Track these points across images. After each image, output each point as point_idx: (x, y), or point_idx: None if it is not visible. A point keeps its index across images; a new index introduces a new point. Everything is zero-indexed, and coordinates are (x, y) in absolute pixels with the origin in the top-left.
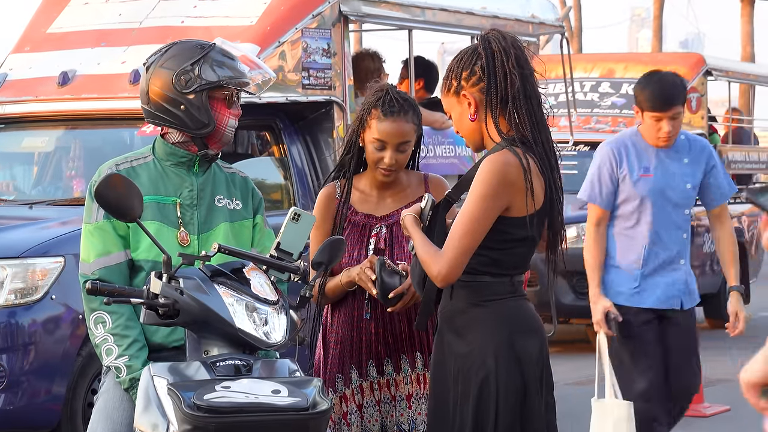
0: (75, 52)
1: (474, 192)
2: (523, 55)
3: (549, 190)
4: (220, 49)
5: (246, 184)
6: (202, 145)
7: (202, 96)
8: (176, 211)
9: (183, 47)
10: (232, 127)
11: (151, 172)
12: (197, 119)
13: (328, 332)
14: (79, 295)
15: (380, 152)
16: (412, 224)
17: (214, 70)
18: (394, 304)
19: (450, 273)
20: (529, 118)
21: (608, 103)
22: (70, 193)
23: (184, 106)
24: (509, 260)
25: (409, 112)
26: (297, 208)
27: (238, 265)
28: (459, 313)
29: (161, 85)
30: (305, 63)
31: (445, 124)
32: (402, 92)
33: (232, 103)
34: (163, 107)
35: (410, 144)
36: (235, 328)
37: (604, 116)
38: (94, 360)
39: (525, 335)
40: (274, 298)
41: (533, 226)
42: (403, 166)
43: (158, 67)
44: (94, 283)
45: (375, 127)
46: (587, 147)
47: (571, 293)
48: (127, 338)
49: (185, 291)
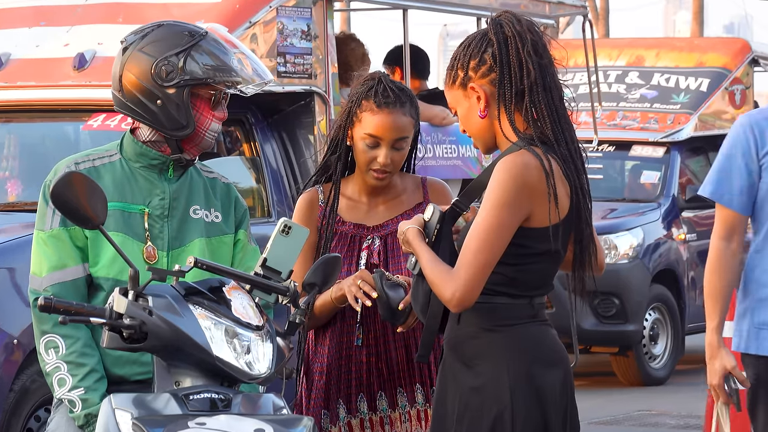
0: (9, 33)
1: (489, 199)
2: (540, 41)
3: (575, 196)
4: (213, 39)
5: (228, 192)
6: (176, 148)
7: (184, 92)
8: (143, 222)
9: (169, 31)
10: (213, 132)
11: (116, 174)
12: (174, 118)
13: (312, 361)
14: (11, 316)
15: (373, 150)
16: (416, 238)
17: (201, 63)
18: (403, 320)
19: (466, 295)
20: (550, 114)
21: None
22: (4, 197)
23: (161, 101)
24: (529, 278)
25: (406, 103)
26: (287, 219)
27: (217, 283)
28: (468, 339)
29: (138, 73)
30: (281, 47)
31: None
32: (397, 82)
33: (218, 104)
34: (137, 99)
35: (407, 141)
36: (212, 356)
37: (631, 111)
38: (30, 394)
39: (546, 366)
40: (258, 323)
41: (557, 238)
42: (399, 166)
43: (137, 50)
44: (48, 299)
45: (367, 121)
46: (612, 147)
47: (593, 317)
48: (83, 367)
49: (154, 311)
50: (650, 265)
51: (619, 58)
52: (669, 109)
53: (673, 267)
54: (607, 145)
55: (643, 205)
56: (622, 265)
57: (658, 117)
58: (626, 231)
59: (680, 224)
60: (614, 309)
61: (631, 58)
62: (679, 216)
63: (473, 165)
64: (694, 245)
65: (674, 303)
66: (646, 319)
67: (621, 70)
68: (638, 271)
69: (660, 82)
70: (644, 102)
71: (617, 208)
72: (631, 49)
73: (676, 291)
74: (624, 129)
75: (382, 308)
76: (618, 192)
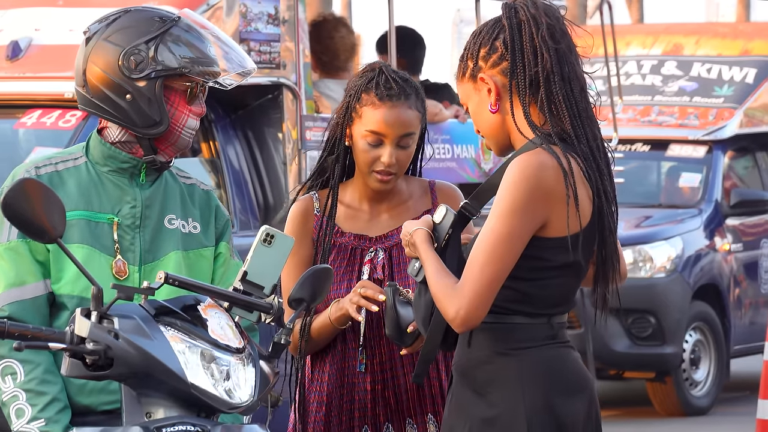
0: None
1: (500, 204)
2: (558, 26)
3: (597, 200)
4: (186, 25)
5: (209, 200)
6: (149, 148)
7: (156, 85)
8: (112, 232)
9: (137, 17)
10: (190, 129)
11: (81, 179)
12: (146, 114)
13: (308, 390)
14: None
15: (376, 150)
16: (424, 242)
17: (174, 52)
18: (410, 342)
19: (471, 314)
20: (569, 108)
21: (674, 88)
22: None
23: (131, 96)
24: (547, 295)
25: (411, 95)
26: (269, 227)
27: (191, 301)
28: (480, 364)
29: (104, 65)
30: (244, 33)
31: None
32: (400, 72)
33: (195, 98)
34: (104, 94)
35: (414, 138)
36: (186, 383)
37: (668, 106)
38: None
39: (568, 395)
40: (238, 345)
41: (578, 249)
42: (405, 167)
43: (102, 39)
44: (2, 322)
45: (368, 116)
46: (647, 146)
47: (626, 338)
48: (43, 396)
49: (121, 334)
50: (690, 279)
51: (654, 46)
52: (711, 103)
53: (717, 281)
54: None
55: (682, 212)
56: (659, 279)
57: (699, 112)
58: (663, 241)
59: (724, 233)
60: (650, 329)
61: (668, 45)
62: (722, 224)
63: (470, 168)
64: (741, 257)
65: (718, 322)
66: (686, 341)
67: (656, 60)
68: (677, 286)
69: (700, 72)
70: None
71: (653, 215)
72: (668, 35)
73: (719, 308)
74: (660, 126)
75: (390, 325)
76: (653, 197)
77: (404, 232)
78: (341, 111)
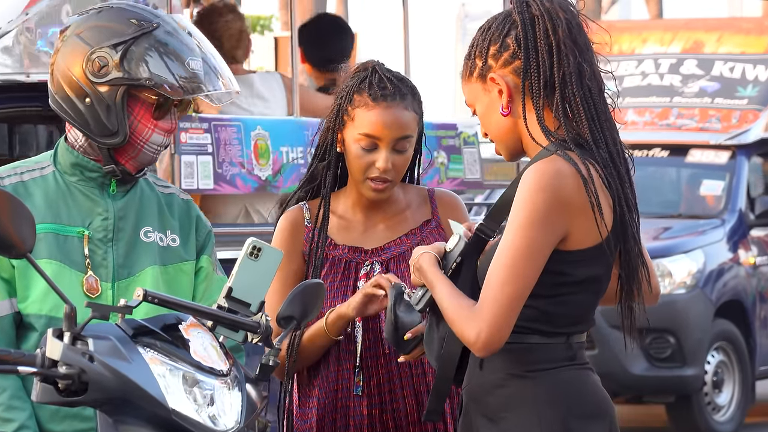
0: None
1: (517, 217)
2: (576, 22)
3: (618, 208)
4: (167, 32)
5: (189, 210)
6: (108, 158)
7: (118, 93)
8: (83, 247)
9: (115, 16)
10: (155, 145)
11: (49, 189)
12: (101, 122)
13: (297, 414)
14: None
15: (370, 154)
16: (432, 266)
17: (143, 61)
18: (409, 350)
19: (494, 336)
20: (587, 110)
21: (695, 89)
22: None
23: (90, 100)
24: (566, 312)
25: (408, 95)
26: (256, 239)
27: (172, 320)
28: (494, 388)
29: (70, 62)
30: None
31: None
32: (395, 71)
33: (164, 113)
34: (65, 93)
35: (411, 141)
36: (167, 409)
37: (688, 108)
38: None
39: (587, 419)
40: (223, 368)
41: (600, 261)
42: (402, 173)
43: (75, 35)
44: None
45: (360, 118)
46: (665, 152)
47: (644, 360)
48: (10, 423)
49: (96, 356)
50: (713, 295)
51: (672, 44)
52: (734, 105)
53: (741, 298)
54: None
55: (704, 223)
56: (679, 295)
57: (721, 115)
58: (683, 254)
59: (749, 245)
60: (670, 349)
61: (688, 43)
62: (747, 235)
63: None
64: (767, 270)
65: (742, 341)
66: (708, 362)
67: (675, 58)
68: (698, 302)
69: (723, 72)
70: (704, 96)
71: (672, 227)
72: (688, 32)
73: (744, 327)
74: (680, 130)
75: (388, 329)
76: (673, 206)
77: (413, 258)
78: (332, 114)
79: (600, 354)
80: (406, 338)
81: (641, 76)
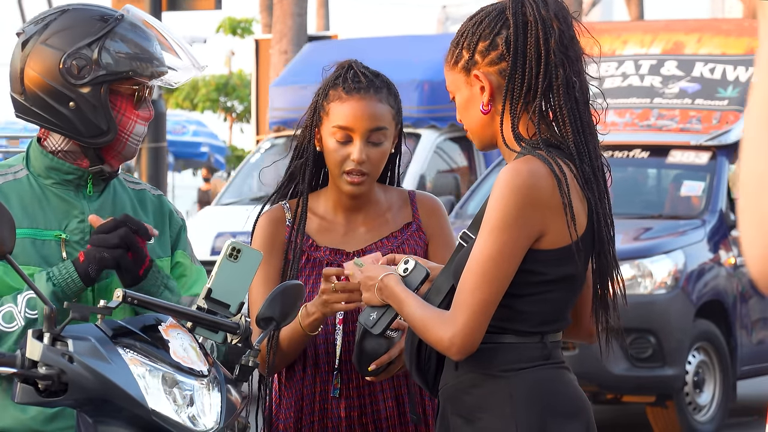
0: None
1: (489, 221)
2: (569, 34)
3: (593, 210)
4: (129, 23)
5: (161, 206)
6: (95, 158)
7: (101, 90)
8: (60, 250)
9: (76, 17)
10: (138, 136)
11: (24, 193)
12: (92, 123)
13: (275, 415)
14: None
15: (345, 147)
16: (398, 284)
17: (119, 53)
18: (372, 375)
19: (467, 339)
20: (573, 123)
21: (675, 90)
22: None
23: (74, 104)
24: (540, 311)
25: (383, 89)
26: (236, 240)
27: (152, 321)
28: (469, 388)
29: (43, 70)
30: None
31: None
32: (371, 68)
33: (142, 102)
34: (44, 102)
35: (386, 134)
36: (147, 409)
37: (668, 108)
38: None
39: (564, 419)
40: (203, 368)
41: (575, 260)
42: (379, 167)
43: (40, 43)
44: None
45: (335, 111)
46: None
47: (624, 360)
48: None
49: (76, 357)
50: (693, 295)
51: (653, 45)
52: (715, 106)
53: (722, 298)
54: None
55: (684, 223)
56: (659, 296)
57: (702, 115)
58: (664, 254)
59: (730, 245)
60: (650, 349)
61: (668, 44)
62: (728, 235)
63: None
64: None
65: (723, 342)
66: (689, 362)
67: (655, 59)
68: (679, 303)
69: (703, 73)
70: (684, 97)
71: (652, 227)
72: (668, 33)
73: (725, 327)
74: (660, 131)
75: (355, 359)
76: (654, 207)
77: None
78: (309, 112)
79: (580, 354)
80: (371, 369)
81: (622, 78)
